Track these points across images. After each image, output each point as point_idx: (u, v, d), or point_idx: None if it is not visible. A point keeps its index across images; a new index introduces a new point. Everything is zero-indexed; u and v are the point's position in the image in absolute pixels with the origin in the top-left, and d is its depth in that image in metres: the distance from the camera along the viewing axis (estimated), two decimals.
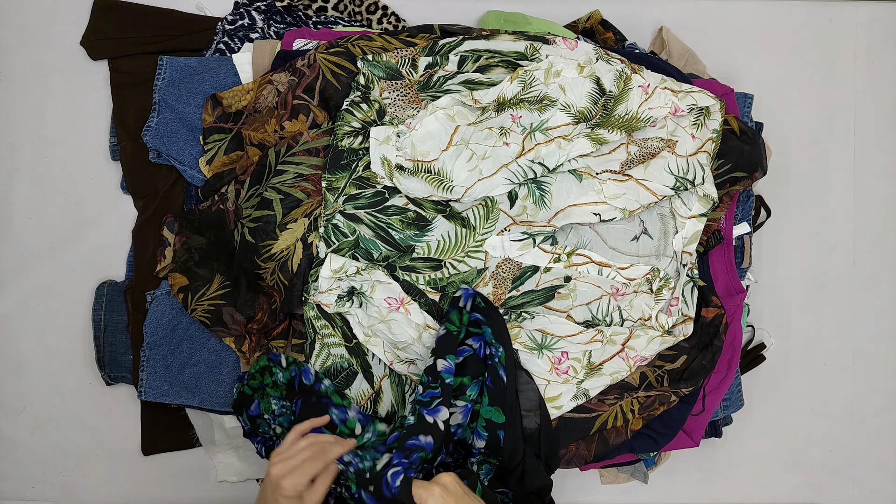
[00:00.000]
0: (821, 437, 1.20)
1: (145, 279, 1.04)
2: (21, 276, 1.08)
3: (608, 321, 0.98)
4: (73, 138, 1.09)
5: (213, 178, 1.01)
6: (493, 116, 0.98)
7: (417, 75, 0.97)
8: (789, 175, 1.18)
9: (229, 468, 1.08)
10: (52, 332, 1.08)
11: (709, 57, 1.13)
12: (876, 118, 1.20)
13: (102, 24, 1.07)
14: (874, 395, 1.20)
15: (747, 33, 1.19)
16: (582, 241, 0.99)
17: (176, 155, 1.03)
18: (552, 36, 0.99)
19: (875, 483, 1.21)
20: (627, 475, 1.11)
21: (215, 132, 1.01)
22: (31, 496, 1.09)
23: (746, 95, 1.09)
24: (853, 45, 1.20)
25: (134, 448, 1.09)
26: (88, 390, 1.08)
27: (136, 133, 1.05)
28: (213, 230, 0.99)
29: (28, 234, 1.09)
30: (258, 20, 1.07)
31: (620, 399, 0.97)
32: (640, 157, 0.98)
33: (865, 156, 1.20)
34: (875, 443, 1.20)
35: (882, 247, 1.21)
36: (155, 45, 1.06)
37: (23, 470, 1.09)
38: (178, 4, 1.09)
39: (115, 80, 1.07)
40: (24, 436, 1.08)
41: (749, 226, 1.08)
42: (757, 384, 1.17)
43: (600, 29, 1.10)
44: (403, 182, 0.96)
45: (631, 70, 0.99)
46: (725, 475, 1.17)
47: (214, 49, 1.06)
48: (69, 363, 1.08)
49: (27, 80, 1.09)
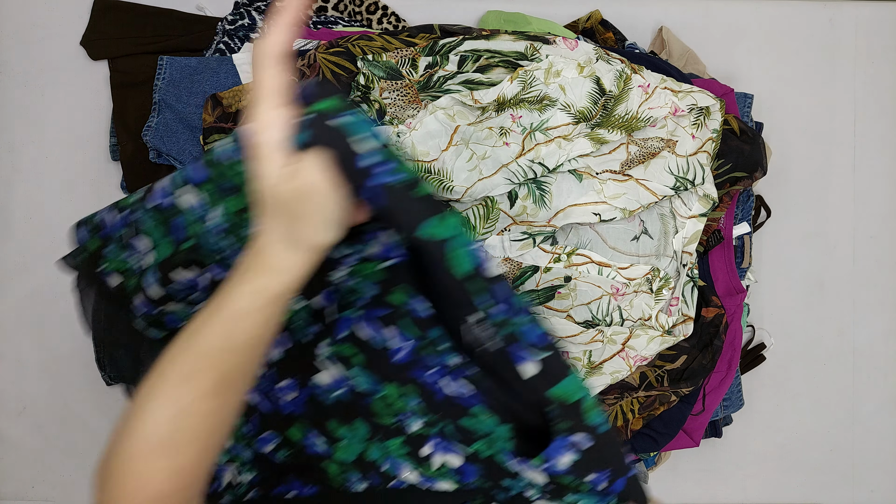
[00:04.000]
0: (821, 437, 1.20)
1: None
2: (21, 276, 1.08)
3: (608, 321, 0.98)
4: (73, 138, 1.09)
5: None
6: (493, 116, 0.98)
7: (417, 75, 0.97)
8: (789, 175, 1.18)
9: None
10: (52, 332, 1.08)
11: (709, 57, 1.13)
12: (876, 118, 1.20)
13: (102, 24, 1.07)
14: (874, 395, 1.20)
15: (747, 33, 1.19)
16: (582, 241, 0.99)
17: (176, 155, 1.03)
18: (552, 36, 0.99)
19: (875, 483, 1.21)
20: None
21: (215, 132, 1.01)
22: (31, 496, 1.09)
23: (746, 95, 1.09)
24: (853, 45, 1.20)
25: None
26: (88, 390, 1.08)
27: (136, 133, 1.05)
28: None
29: (28, 234, 1.09)
30: (258, 20, 1.07)
31: (620, 399, 0.97)
32: (640, 157, 0.98)
33: (865, 156, 1.20)
34: (875, 443, 1.20)
35: (882, 247, 1.21)
36: (155, 45, 1.06)
37: (23, 470, 1.09)
38: (178, 4, 1.09)
39: (115, 80, 1.07)
40: (24, 436, 1.08)
41: (749, 226, 1.08)
42: (757, 384, 1.17)
43: (600, 29, 1.10)
44: None
45: (631, 70, 0.99)
46: (725, 475, 1.17)
47: (214, 49, 1.06)
48: (69, 363, 1.08)
49: (27, 80, 1.09)
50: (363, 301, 0.65)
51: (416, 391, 0.65)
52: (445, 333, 0.64)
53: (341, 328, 0.66)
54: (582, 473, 0.58)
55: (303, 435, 0.66)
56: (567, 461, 0.58)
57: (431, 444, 0.65)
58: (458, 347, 0.63)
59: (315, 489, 0.67)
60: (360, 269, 0.65)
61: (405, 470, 0.65)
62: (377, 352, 0.65)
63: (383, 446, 0.65)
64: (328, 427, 0.66)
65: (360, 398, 0.65)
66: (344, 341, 0.65)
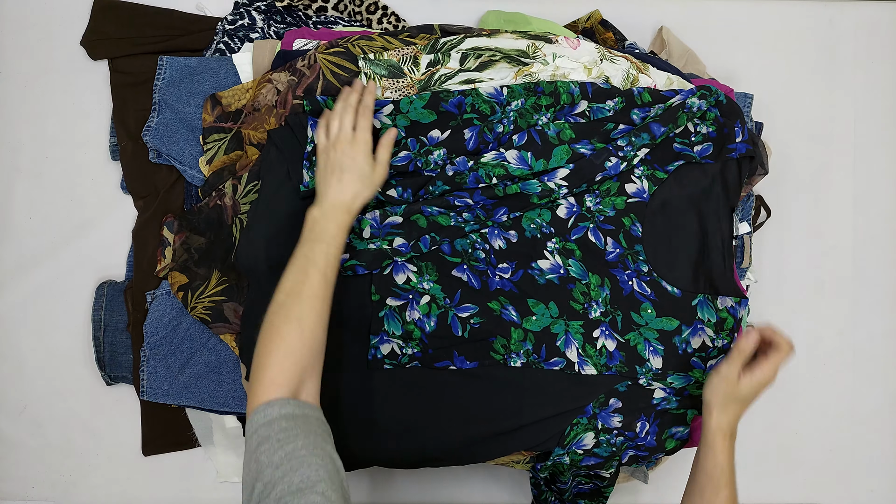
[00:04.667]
0: (821, 437, 1.20)
1: (145, 279, 1.04)
2: (21, 276, 1.08)
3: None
4: (73, 138, 1.09)
5: (212, 176, 1.01)
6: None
7: (419, 73, 0.97)
8: (789, 175, 1.18)
9: (229, 468, 1.08)
10: (52, 332, 1.08)
11: (709, 57, 1.13)
12: (876, 118, 1.20)
13: (102, 24, 1.07)
14: (874, 395, 1.20)
15: (747, 33, 1.19)
16: None
17: (176, 155, 1.03)
18: (554, 36, 0.99)
19: (875, 483, 1.21)
20: (627, 475, 1.11)
21: (215, 132, 1.01)
22: (31, 496, 1.09)
23: (746, 95, 1.09)
24: (853, 45, 1.20)
25: (134, 448, 1.09)
26: (88, 390, 1.08)
27: (136, 133, 1.05)
28: (213, 230, 0.99)
29: (28, 234, 1.09)
30: (258, 20, 1.07)
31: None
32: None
33: (865, 156, 1.20)
34: (875, 443, 1.20)
35: (882, 247, 1.21)
36: (155, 45, 1.06)
37: (23, 470, 1.09)
38: (178, 4, 1.09)
39: (115, 80, 1.07)
40: (24, 436, 1.08)
41: (749, 226, 1.08)
42: None
43: (600, 29, 1.10)
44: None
45: (637, 70, 0.98)
46: None
47: (214, 49, 1.06)
48: (69, 363, 1.08)
49: (27, 80, 1.09)
50: (600, 217, 0.92)
51: (609, 284, 0.92)
52: (643, 251, 0.92)
53: (576, 232, 0.92)
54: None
55: (500, 307, 0.91)
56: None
57: (601, 329, 0.91)
58: (649, 261, 0.92)
59: (475, 364, 0.90)
60: (606, 196, 0.93)
61: (572, 347, 0.91)
62: (596, 251, 0.92)
63: (566, 325, 0.91)
64: (527, 303, 0.91)
65: (567, 283, 0.91)
66: (574, 241, 0.92)
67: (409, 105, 0.92)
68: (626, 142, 0.90)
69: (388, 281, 0.91)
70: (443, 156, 0.92)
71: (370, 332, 0.90)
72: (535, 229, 0.92)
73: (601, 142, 0.91)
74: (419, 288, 0.91)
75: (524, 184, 0.89)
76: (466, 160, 0.91)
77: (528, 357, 0.90)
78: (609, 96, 0.93)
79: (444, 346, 0.90)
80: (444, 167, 0.91)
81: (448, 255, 0.92)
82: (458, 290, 0.91)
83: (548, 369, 0.90)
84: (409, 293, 0.91)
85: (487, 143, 0.92)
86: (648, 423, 0.91)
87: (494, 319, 0.90)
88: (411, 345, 0.90)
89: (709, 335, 0.92)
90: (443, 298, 0.91)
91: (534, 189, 0.90)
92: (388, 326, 0.90)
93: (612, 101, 0.93)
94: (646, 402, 0.91)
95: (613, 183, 0.93)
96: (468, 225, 0.91)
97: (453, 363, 0.90)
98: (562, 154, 0.90)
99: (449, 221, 0.91)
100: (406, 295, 0.91)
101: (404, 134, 0.92)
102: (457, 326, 0.90)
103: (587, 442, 0.90)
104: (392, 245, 0.90)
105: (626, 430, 0.91)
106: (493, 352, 0.90)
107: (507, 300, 0.91)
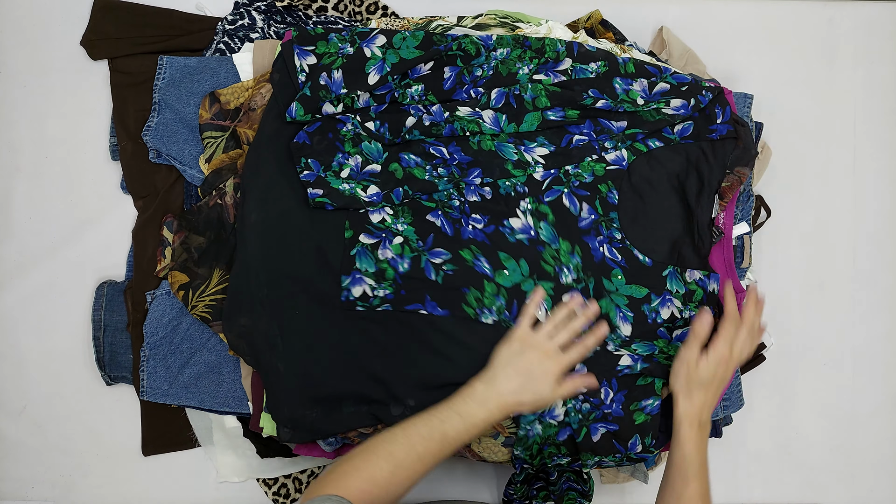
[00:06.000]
0: (821, 437, 1.20)
1: (145, 279, 1.04)
2: (21, 276, 1.08)
3: None
4: (73, 138, 1.09)
5: (211, 175, 1.01)
6: None
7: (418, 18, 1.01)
8: (789, 175, 1.18)
9: (229, 468, 1.08)
10: (52, 332, 1.08)
11: (709, 57, 1.13)
12: (876, 118, 1.20)
13: (102, 24, 1.07)
14: (874, 395, 1.20)
15: (747, 33, 1.19)
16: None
17: (176, 155, 1.03)
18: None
19: (875, 483, 1.21)
20: (627, 475, 1.11)
21: (211, 129, 1.01)
22: (31, 496, 1.09)
23: (746, 95, 1.09)
24: (853, 45, 1.20)
25: (134, 448, 1.09)
26: (88, 390, 1.08)
27: (136, 133, 1.05)
28: (213, 229, 0.99)
29: (28, 234, 1.09)
30: (258, 20, 1.07)
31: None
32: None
33: (865, 156, 1.20)
34: (875, 443, 1.20)
35: (882, 247, 1.21)
36: (155, 45, 1.06)
37: (23, 470, 1.09)
38: (178, 4, 1.09)
39: (115, 80, 1.07)
40: (24, 436, 1.08)
41: (749, 226, 1.08)
42: (757, 384, 1.17)
43: (600, 29, 1.10)
44: None
45: (620, 49, 1.01)
46: (725, 475, 1.17)
47: (214, 49, 1.06)
48: (69, 363, 1.08)
49: (27, 80, 1.09)
50: (575, 182, 0.93)
51: (581, 252, 0.92)
52: (619, 217, 0.93)
53: (549, 194, 0.93)
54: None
55: (473, 257, 0.91)
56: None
57: (571, 294, 0.91)
58: (623, 229, 0.93)
59: (446, 312, 0.90)
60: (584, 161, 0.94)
61: (541, 309, 0.90)
62: (569, 216, 0.93)
63: (536, 284, 0.91)
64: (499, 256, 0.91)
65: (536, 245, 0.92)
66: (547, 204, 0.93)
67: (402, 41, 0.93)
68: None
69: (362, 219, 0.91)
70: (420, 91, 0.94)
71: (341, 271, 0.90)
72: (510, 187, 0.93)
73: (573, 109, 0.94)
74: (393, 229, 0.91)
75: (499, 144, 0.92)
76: (443, 110, 0.92)
77: (499, 314, 0.90)
78: (594, 59, 0.95)
79: (416, 288, 0.90)
80: (420, 118, 0.93)
81: (424, 200, 0.92)
82: (430, 233, 0.91)
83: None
84: (383, 232, 0.91)
85: (464, 85, 0.94)
86: (612, 391, 0.91)
87: (467, 269, 0.90)
88: (384, 285, 0.90)
89: (677, 306, 0.93)
90: (415, 241, 0.91)
91: (509, 155, 0.93)
92: (360, 264, 0.90)
93: (596, 63, 0.95)
94: (609, 367, 0.91)
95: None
96: (441, 182, 0.92)
97: (424, 307, 0.90)
98: (532, 120, 0.93)
99: (424, 175, 0.92)
100: (379, 234, 0.91)
101: (389, 70, 0.92)
102: (430, 270, 0.90)
103: (558, 412, 0.90)
104: (366, 192, 0.91)
105: (590, 395, 0.91)
106: (465, 304, 0.90)
107: (479, 251, 0.91)
